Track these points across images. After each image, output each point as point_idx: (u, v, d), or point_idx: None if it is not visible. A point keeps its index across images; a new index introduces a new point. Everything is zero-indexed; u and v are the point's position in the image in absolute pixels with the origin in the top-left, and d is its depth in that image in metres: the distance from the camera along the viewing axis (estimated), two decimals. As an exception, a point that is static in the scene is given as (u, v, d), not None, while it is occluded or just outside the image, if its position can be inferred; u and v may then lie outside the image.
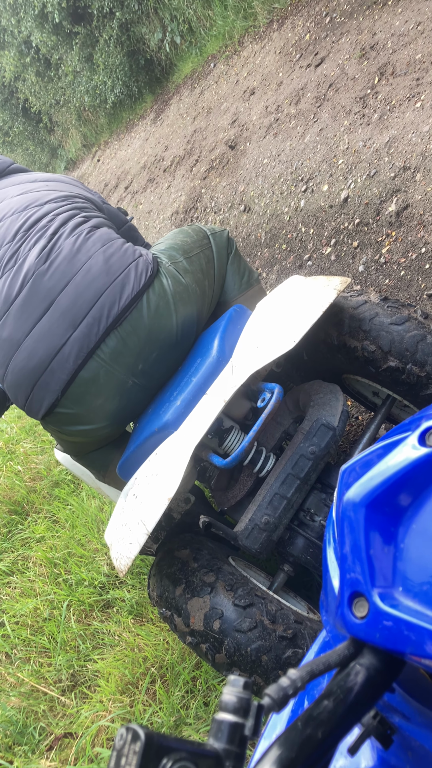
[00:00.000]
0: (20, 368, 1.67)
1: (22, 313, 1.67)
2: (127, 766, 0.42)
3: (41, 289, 1.67)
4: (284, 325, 1.50)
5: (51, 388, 1.67)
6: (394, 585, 0.55)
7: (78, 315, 1.64)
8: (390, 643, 0.52)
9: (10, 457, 4.06)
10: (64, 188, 2.02)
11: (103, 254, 1.71)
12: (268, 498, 1.56)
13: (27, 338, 1.65)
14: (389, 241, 2.80)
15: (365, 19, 4.04)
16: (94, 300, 1.65)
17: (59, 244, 1.72)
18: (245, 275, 2.09)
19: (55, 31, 8.81)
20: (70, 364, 1.64)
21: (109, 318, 1.65)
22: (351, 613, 0.57)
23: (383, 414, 1.77)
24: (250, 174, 4.45)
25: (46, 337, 1.64)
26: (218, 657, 1.42)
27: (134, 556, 1.47)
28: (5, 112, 12.66)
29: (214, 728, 0.47)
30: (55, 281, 1.67)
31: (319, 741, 0.47)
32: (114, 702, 2.09)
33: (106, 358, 1.67)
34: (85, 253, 1.71)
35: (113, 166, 8.76)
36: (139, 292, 1.68)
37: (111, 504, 2.98)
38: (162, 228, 5.63)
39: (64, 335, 1.63)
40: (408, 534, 0.57)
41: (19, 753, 2.15)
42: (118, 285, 1.67)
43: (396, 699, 0.62)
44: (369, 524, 0.58)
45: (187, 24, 6.82)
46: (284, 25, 5.23)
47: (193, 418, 1.52)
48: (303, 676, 0.51)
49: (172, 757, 0.43)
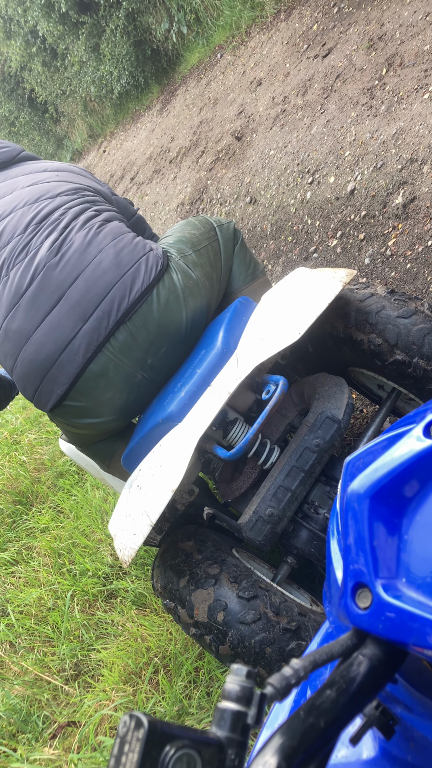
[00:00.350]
0: (29, 360, 1.67)
1: (33, 305, 1.67)
2: (130, 753, 0.42)
3: (52, 281, 1.67)
4: (289, 317, 1.50)
5: (60, 381, 1.67)
6: (397, 576, 0.55)
7: (88, 308, 1.64)
8: (393, 634, 0.52)
9: (15, 448, 4.07)
10: (75, 179, 2.02)
11: (113, 248, 1.71)
12: (273, 490, 1.56)
13: (37, 330, 1.65)
14: (396, 234, 2.78)
15: (373, 9, 4.00)
16: (104, 293, 1.65)
17: (70, 237, 1.72)
18: (251, 267, 2.08)
19: (62, 21, 8.77)
20: (80, 357, 1.64)
21: (119, 312, 1.65)
22: (354, 603, 0.57)
23: (388, 407, 1.77)
24: (256, 165, 4.43)
25: (56, 330, 1.64)
26: (222, 649, 1.43)
27: (138, 547, 1.47)
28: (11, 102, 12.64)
29: (216, 716, 0.47)
30: (65, 274, 1.67)
31: (321, 730, 0.47)
32: (117, 691, 2.10)
33: (115, 352, 1.67)
34: (96, 246, 1.70)
35: (119, 157, 8.74)
36: (149, 286, 1.68)
37: (115, 495, 2.99)
38: (168, 219, 5.62)
39: (74, 328, 1.64)
40: (412, 525, 0.57)
41: (23, 741, 2.16)
42: (128, 279, 1.67)
43: (398, 690, 0.63)
44: (373, 515, 0.58)
45: (194, 14, 6.78)
46: (291, 16, 5.20)
47: (197, 409, 1.52)
48: (306, 666, 0.51)
49: (175, 745, 0.43)
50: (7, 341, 1.71)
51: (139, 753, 0.42)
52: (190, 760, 0.43)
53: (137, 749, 0.42)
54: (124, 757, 0.42)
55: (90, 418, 1.76)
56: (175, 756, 0.43)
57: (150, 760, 0.42)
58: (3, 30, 10.47)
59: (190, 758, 0.43)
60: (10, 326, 1.69)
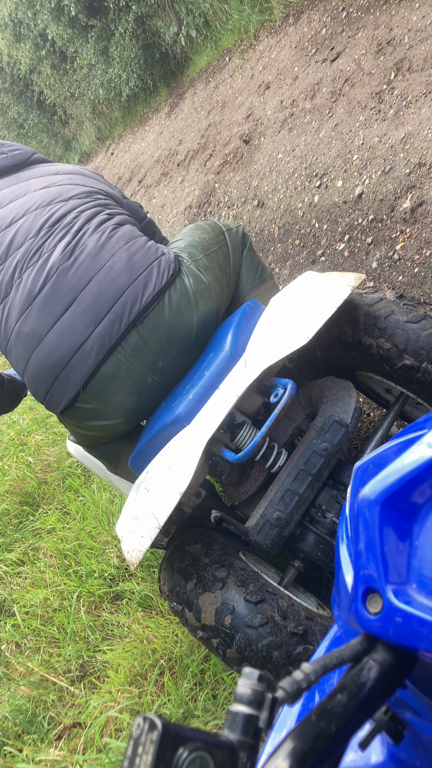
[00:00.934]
0: (41, 362, 1.68)
1: (45, 308, 1.68)
2: (144, 755, 0.43)
3: (65, 285, 1.68)
4: (298, 320, 1.50)
5: (71, 383, 1.68)
6: (408, 581, 0.55)
7: (100, 311, 1.65)
8: (403, 639, 0.53)
9: (22, 449, 4.09)
10: (87, 182, 2.03)
11: (126, 252, 1.72)
12: (280, 494, 1.57)
13: (49, 333, 1.67)
14: (403, 238, 2.79)
15: (382, 14, 4.01)
16: (116, 297, 1.66)
17: (83, 240, 1.73)
18: (258, 271, 2.09)
19: (71, 24, 8.81)
20: (91, 360, 1.65)
21: (131, 315, 1.66)
22: (365, 608, 0.57)
23: (396, 411, 1.77)
24: (264, 169, 4.44)
25: (68, 333, 1.65)
26: (229, 652, 1.43)
27: (146, 549, 1.48)
28: (20, 105, 12.68)
29: (228, 719, 0.48)
30: (78, 277, 1.68)
31: (332, 734, 0.47)
32: (123, 693, 2.11)
33: (127, 355, 1.68)
34: (108, 250, 1.72)
35: (127, 160, 8.76)
36: (160, 290, 1.69)
37: (122, 496, 2.99)
38: (175, 222, 5.63)
39: (86, 331, 1.65)
40: (423, 531, 0.57)
41: (29, 741, 2.17)
42: (141, 283, 1.68)
43: (408, 695, 0.63)
44: (384, 521, 0.58)
45: (202, 17, 6.80)
46: (300, 20, 5.21)
47: (205, 412, 1.53)
48: (317, 670, 0.51)
49: (188, 747, 0.44)
50: (19, 343, 1.71)
51: (153, 755, 0.42)
52: (203, 762, 0.44)
53: (151, 751, 0.42)
54: (138, 759, 0.43)
55: (100, 420, 1.77)
56: (189, 758, 0.43)
57: (163, 762, 0.42)
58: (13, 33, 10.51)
59: (203, 761, 0.44)
60: (23, 328, 1.70)
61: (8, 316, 1.74)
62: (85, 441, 2.02)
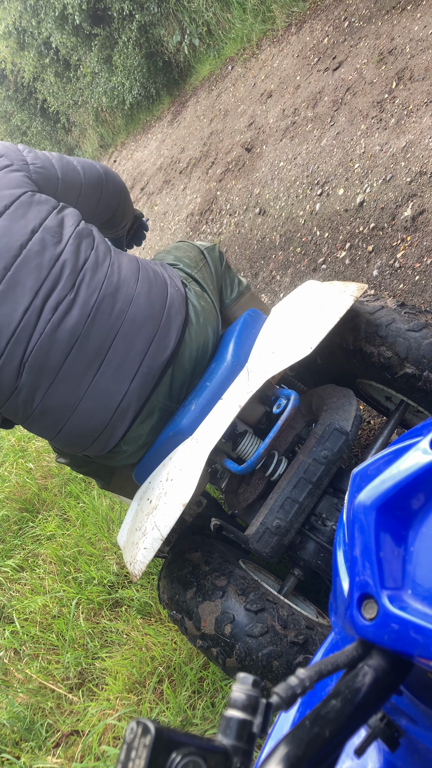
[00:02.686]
0: (79, 429, 1.60)
1: (72, 379, 1.54)
2: (137, 759, 0.43)
3: (88, 351, 1.54)
4: (300, 330, 1.50)
5: (113, 438, 1.65)
6: (403, 587, 0.56)
7: (131, 368, 1.58)
8: (398, 645, 0.52)
9: (22, 455, 4.09)
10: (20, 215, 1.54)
11: (146, 297, 1.61)
12: (280, 502, 1.56)
13: (82, 401, 1.56)
14: (404, 246, 2.79)
15: (384, 23, 4.03)
16: (144, 349, 1.59)
17: (91, 299, 1.55)
18: (236, 284, 2.10)
19: (75, 33, 8.86)
20: (131, 414, 1.62)
21: (162, 364, 1.63)
22: (360, 614, 0.57)
23: (396, 419, 1.76)
24: (265, 177, 4.45)
25: (104, 397, 1.57)
26: (229, 661, 1.42)
27: (148, 560, 1.47)
28: (24, 112, 12.74)
29: (222, 724, 0.48)
30: (101, 340, 1.54)
31: (326, 740, 0.47)
32: (121, 700, 2.10)
33: (160, 398, 1.67)
34: (123, 300, 1.58)
35: (129, 167, 8.79)
36: (182, 329, 1.66)
37: (122, 504, 2.99)
38: (177, 230, 5.64)
39: (121, 390, 1.59)
40: (418, 537, 0.57)
41: (26, 749, 2.16)
42: (164, 329, 1.62)
43: (403, 701, 0.63)
44: (379, 527, 0.58)
45: (205, 27, 6.84)
46: (303, 29, 5.24)
47: (208, 423, 1.52)
48: (311, 676, 0.51)
49: (181, 752, 0.44)
50: (46, 417, 1.58)
51: (146, 759, 0.42)
52: (196, 767, 0.44)
53: (144, 755, 0.42)
54: (130, 763, 0.43)
55: (127, 458, 1.76)
56: (181, 763, 0.43)
57: (156, 767, 0.42)
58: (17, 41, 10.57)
59: (196, 765, 0.44)
60: (49, 403, 1.55)
61: (26, 396, 1.55)
62: (76, 462, 2.01)
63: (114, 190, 1.97)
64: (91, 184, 1.87)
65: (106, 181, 1.93)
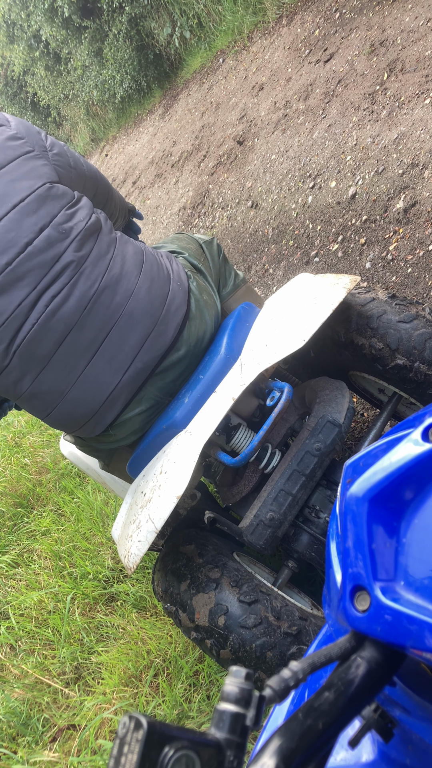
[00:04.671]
0: (68, 414, 1.61)
1: (64, 367, 1.54)
2: (130, 754, 0.42)
3: (82, 340, 1.54)
4: (294, 323, 1.50)
5: (99, 425, 1.66)
6: (395, 579, 0.55)
7: (125, 361, 1.59)
8: (391, 637, 0.53)
9: (17, 450, 4.08)
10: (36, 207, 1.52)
11: (147, 291, 1.61)
12: (274, 494, 1.57)
13: (72, 389, 1.57)
14: (397, 238, 2.79)
15: (375, 15, 4.02)
16: (139, 345, 1.60)
17: (90, 288, 1.54)
18: (232, 277, 2.10)
19: (65, 26, 8.80)
20: (119, 404, 1.63)
21: (156, 358, 1.63)
22: (353, 606, 0.57)
23: (389, 411, 1.77)
24: (257, 170, 4.44)
25: (94, 386, 1.58)
26: (223, 653, 1.43)
27: (143, 553, 1.47)
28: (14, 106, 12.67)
29: (215, 718, 0.48)
30: (96, 330, 1.54)
31: (319, 732, 0.47)
32: (117, 694, 2.10)
33: (152, 389, 1.67)
34: (123, 294, 1.58)
35: (121, 161, 8.76)
36: (181, 324, 1.66)
37: (116, 498, 2.99)
38: (169, 223, 5.63)
39: (113, 382, 1.59)
40: (410, 529, 0.57)
41: (23, 744, 2.16)
42: (162, 325, 1.62)
43: (397, 692, 0.63)
44: (372, 519, 0.58)
45: (196, 19, 6.80)
46: (293, 21, 5.21)
47: (201, 416, 1.52)
48: (304, 668, 0.51)
49: (174, 746, 0.44)
50: (35, 400, 1.59)
51: (138, 754, 0.42)
52: (189, 761, 0.44)
53: (136, 750, 0.42)
54: (123, 758, 0.42)
55: (116, 442, 1.77)
56: (174, 757, 0.43)
57: (149, 761, 0.42)
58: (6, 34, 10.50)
59: (189, 759, 0.44)
60: (39, 388, 1.56)
61: (15, 379, 1.55)
62: (78, 441, 2.01)
63: (104, 188, 2.00)
64: (91, 178, 1.88)
65: (99, 178, 1.96)
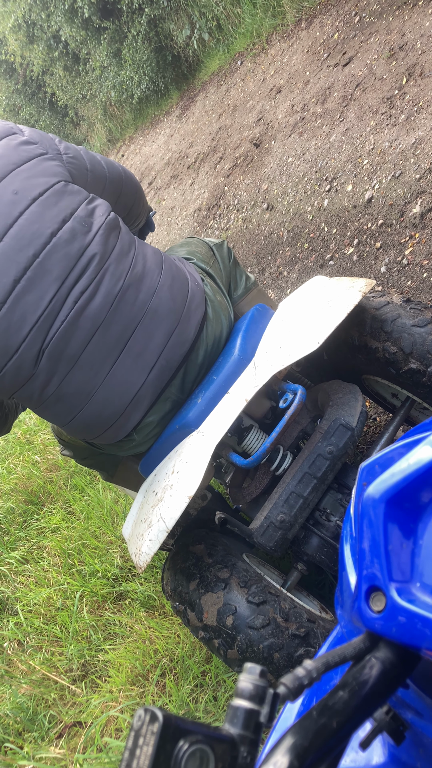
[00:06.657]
0: (96, 416, 1.61)
1: (91, 367, 1.54)
2: (145, 747, 0.43)
3: (108, 340, 1.54)
4: (308, 325, 1.50)
5: (125, 428, 1.66)
6: (411, 580, 0.55)
7: (150, 359, 1.59)
8: (406, 638, 0.52)
9: (28, 447, 4.10)
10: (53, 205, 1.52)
11: (169, 290, 1.63)
12: (285, 496, 1.56)
13: (99, 389, 1.57)
14: (412, 243, 2.78)
15: (395, 19, 4.01)
16: (164, 342, 1.61)
17: (116, 289, 1.54)
18: (243, 280, 2.11)
19: (84, 26, 8.84)
20: (145, 404, 1.64)
21: (180, 358, 1.64)
22: (368, 607, 0.57)
23: (402, 415, 1.76)
24: (274, 172, 4.44)
25: (122, 386, 1.58)
26: (230, 653, 1.43)
27: (153, 552, 1.48)
28: (32, 106, 12.73)
29: (230, 714, 0.48)
30: (122, 328, 1.55)
31: (333, 731, 0.47)
32: (124, 693, 2.11)
33: (174, 390, 1.68)
34: (146, 292, 1.59)
35: (137, 162, 8.78)
36: (200, 325, 1.68)
37: (126, 497, 3.00)
38: (184, 225, 5.64)
39: (139, 381, 1.60)
40: (427, 530, 0.57)
41: (29, 739, 2.17)
42: (184, 323, 1.64)
43: (409, 695, 0.63)
44: (388, 520, 0.58)
45: (215, 21, 6.81)
46: (313, 24, 5.21)
47: (214, 416, 1.53)
48: (318, 667, 0.51)
49: (189, 740, 0.44)
50: (60, 403, 1.58)
51: (154, 746, 0.42)
52: (203, 755, 0.44)
53: (152, 743, 0.43)
54: (138, 750, 0.43)
55: (134, 447, 1.77)
56: (189, 751, 0.43)
57: (164, 754, 0.43)
58: (26, 34, 10.55)
59: (203, 753, 0.44)
60: (65, 390, 1.55)
61: (42, 382, 1.54)
62: (80, 454, 2.01)
63: (131, 190, 1.99)
64: (114, 181, 1.88)
65: (125, 180, 1.95)
